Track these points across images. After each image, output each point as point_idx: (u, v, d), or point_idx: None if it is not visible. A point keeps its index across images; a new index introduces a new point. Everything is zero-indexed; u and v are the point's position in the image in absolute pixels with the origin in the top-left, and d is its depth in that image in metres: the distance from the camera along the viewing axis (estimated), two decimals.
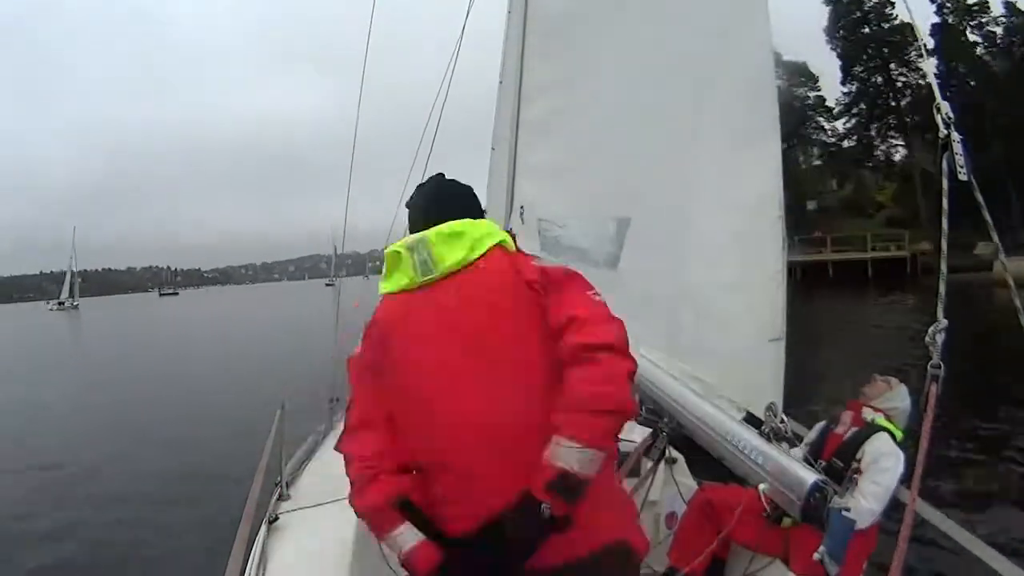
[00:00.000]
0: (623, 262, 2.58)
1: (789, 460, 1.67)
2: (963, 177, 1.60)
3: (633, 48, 2.62)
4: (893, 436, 2.63)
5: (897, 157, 45.21)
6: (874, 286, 32.10)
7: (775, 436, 1.73)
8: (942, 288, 1.63)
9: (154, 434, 11.48)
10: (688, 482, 3.24)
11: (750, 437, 1.75)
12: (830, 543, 2.08)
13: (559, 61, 3.26)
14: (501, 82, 6.11)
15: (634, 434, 3.43)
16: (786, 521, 2.66)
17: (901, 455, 2.56)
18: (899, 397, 2.84)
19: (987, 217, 1.72)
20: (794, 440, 1.78)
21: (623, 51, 2.69)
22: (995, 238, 1.74)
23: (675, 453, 3.27)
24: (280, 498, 3.12)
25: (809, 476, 1.60)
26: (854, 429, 2.74)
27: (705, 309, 2.10)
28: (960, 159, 1.59)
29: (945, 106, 1.59)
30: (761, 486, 1.69)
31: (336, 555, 2.59)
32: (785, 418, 1.76)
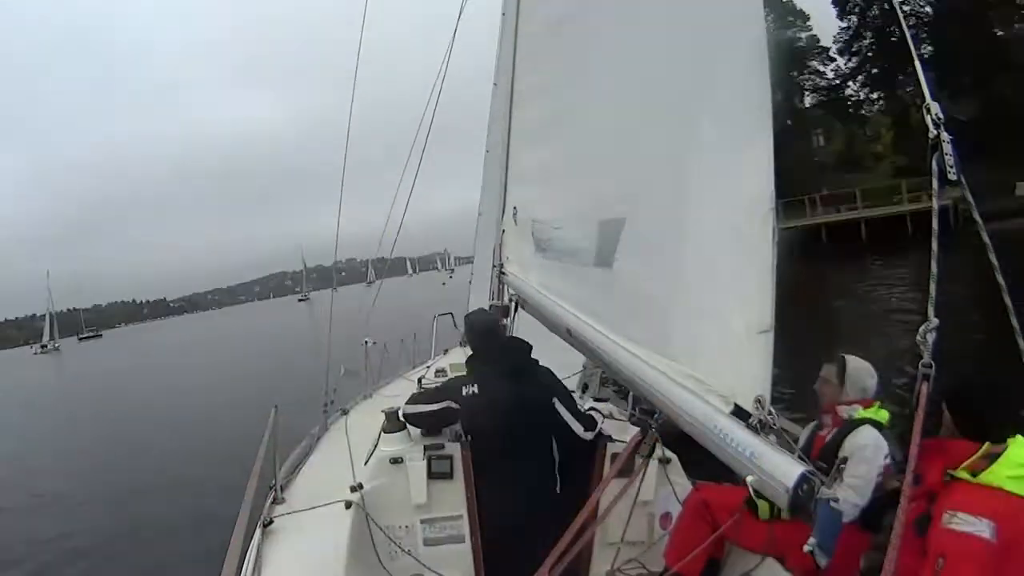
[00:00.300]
0: (618, 262, 2.59)
1: (776, 452, 1.68)
2: (952, 177, 1.61)
3: (625, 50, 2.63)
4: (878, 423, 2.65)
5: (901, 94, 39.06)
6: (915, 242, 27.33)
7: (762, 429, 1.75)
8: (933, 289, 1.64)
9: (161, 448, 12.28)
10: (682, 482, 3.25)
11: (737, 430, 1.77)
12: (819, 535, 2.09)
13: (552, 64, 3.27)
14: (495, 84, 6.16)
15: (627, 434, 3.44)
16: (762, 507, 2.67)
17: (882, 443, 2.57)
18: (862, 377, 2.85)
19: (977, 218, 1.74)
20: (781, 432, 1.80)
21: (615, 53, 2.70)
22: (985, 237, 1.75)
23: (669, 453, 3.28)
24: (274, 501, 3.12)
25: (796, 468, 1.61)
26: (835, 429, 2.77)
27: (696, 306, 2.12)
28: (950, 159, 1.60)
29: (935, 106, 1.60)
30: (749, 478, 1.70)
31: (331, 558, 2.58)
32: (772, 410, 1.77)
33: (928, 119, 1.61)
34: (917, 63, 1.77)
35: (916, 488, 2.00)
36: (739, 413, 1.83)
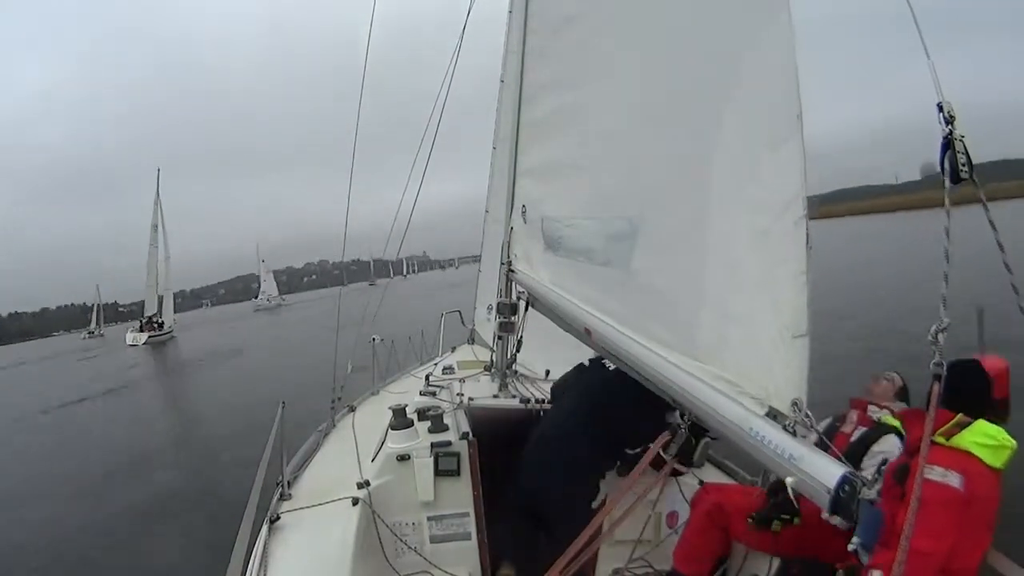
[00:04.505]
0: (636, 262, 2.58)
1: (816, 454, 1.70)
2: (964, 176, 1.59)
3: (640, 47, 2.61)
4: (900, 434, 2.64)
5: None
6: None
7: (800, 431, 1.76)
8: (944, 288, 1.63)
9: None
10: (689, 481, 3.23)
11: (774, 432, 1.78)
12: (864, 535, 2.12)
13: (563, 60, 3.26)
14: (503, 81, 6.14)
15: None
16: (775, 525, 2.66)
17: (901, 449, 2.56)
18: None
19: (990, 218, 1.72)
20: (820, 434, 1.81)
21: (629, 50, 2.68)
22: (997, 237, 1.73)
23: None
24: (281, 498, 3.12)
25: (837, 469, 1.62)
26: (861, 429, 2.74)
27: (724, 308, 2.10)
28: (962, 158, 1.59)
29: (948, 104, 1.58)
30: (788, 480, 1.71)
31: (337, 555, 2.58)
32: (809, 413, 1.78)
33: (940, 117, 1.60)
34: (929, 60, 1.74)
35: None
36: (773, 415, 1.83)
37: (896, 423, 2.68)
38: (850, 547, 2.16)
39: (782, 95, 1.87)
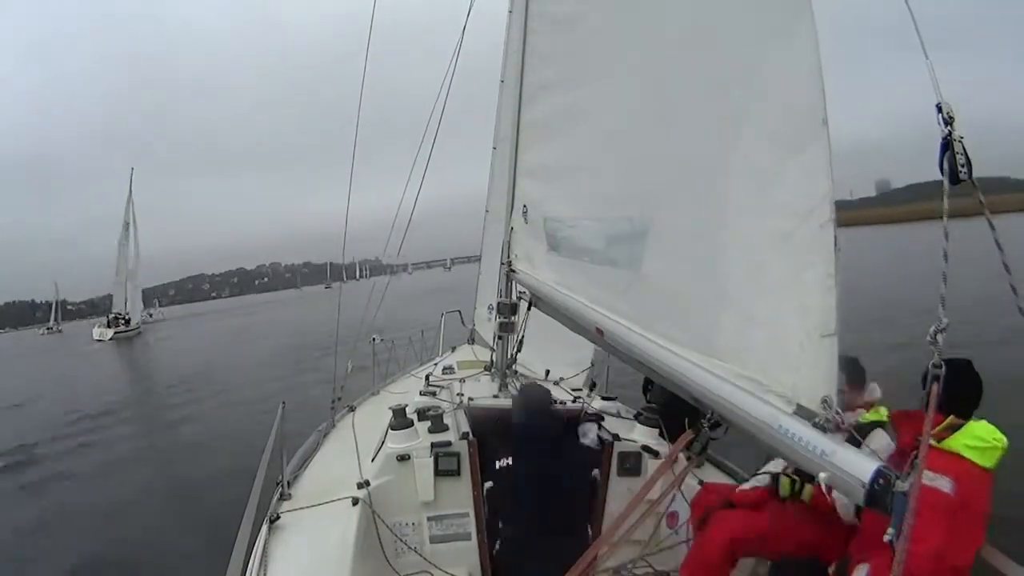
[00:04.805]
0: (647, 263, 2.57)
1: (848, 449, 1.72)
2: (963, 177, 1.60)
3: (643, 47, 2.60)
4: (882, 424, 2.65)
5: None
6: None
7: (830, 428, 1.78)
8: (943, 288, 1.63)
9: None
10: (690, 481, 3.23)
11: (805, 429, 1.81)
12: (899, 526, 2.15)
13: (564, 60, 3.25)
14: (503, 81, 6.13)
15: (634, 433, 3.43)
16: (784, 486, 2.68)
17: (891, 444, 2.56)
18: (876, 391, 2.86)
19: (988, 219, 1.72)
20: (851, 431, 1.83)
21: (632, 50, 2.67)
22: (995, 236, 1.73)
23: None
24: (281, 497, 3.12)
25: (870, 464, 1.65)
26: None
27: (747, 310, 2.10)
28: (961, 159, 1.59)
29: (947, 105, 1.59)
30: (821, 475, 1.74)
31: (337, 555, 2.59)
32: (839, 410, 1.80)
33: (939, 118, 1.60)
34: (928, 61, 1.75)
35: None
36: (801, 413, 1.84)
37: (874, 417, 2.68)
38: (885, 538, 2.19)
39: (805, 98, 1.86)
